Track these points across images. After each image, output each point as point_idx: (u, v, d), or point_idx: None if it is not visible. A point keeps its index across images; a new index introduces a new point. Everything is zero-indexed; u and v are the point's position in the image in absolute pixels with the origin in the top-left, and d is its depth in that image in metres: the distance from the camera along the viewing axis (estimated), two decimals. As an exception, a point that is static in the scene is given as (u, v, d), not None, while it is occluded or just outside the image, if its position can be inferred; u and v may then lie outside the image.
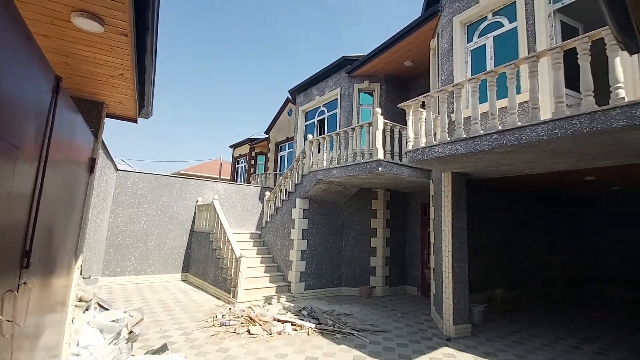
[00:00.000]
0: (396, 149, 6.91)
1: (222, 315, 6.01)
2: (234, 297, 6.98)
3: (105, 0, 2.10)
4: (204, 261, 8.94)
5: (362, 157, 6.95)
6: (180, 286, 8.95)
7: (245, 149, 19.76)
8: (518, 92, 5.20)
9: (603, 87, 4.00)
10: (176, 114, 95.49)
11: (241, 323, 5.57)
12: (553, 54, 3.86)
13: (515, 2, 5.65)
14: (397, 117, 8.93)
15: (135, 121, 4.00)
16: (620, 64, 3.43)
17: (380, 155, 6.43)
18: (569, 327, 6.37)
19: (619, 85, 3.41)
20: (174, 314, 6.29)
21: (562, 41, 4.90)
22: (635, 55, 4.17)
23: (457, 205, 6.02)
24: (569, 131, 3.60)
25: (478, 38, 6.27)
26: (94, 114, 3.71)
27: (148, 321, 5.63)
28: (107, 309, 4.79)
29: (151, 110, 3.76)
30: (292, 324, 5.60)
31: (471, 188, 6.63)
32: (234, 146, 21.07)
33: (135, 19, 2.31)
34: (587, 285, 9.92)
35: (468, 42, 6.44)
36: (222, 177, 22.83)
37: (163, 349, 4.46)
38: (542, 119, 3.88)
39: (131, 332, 4.39)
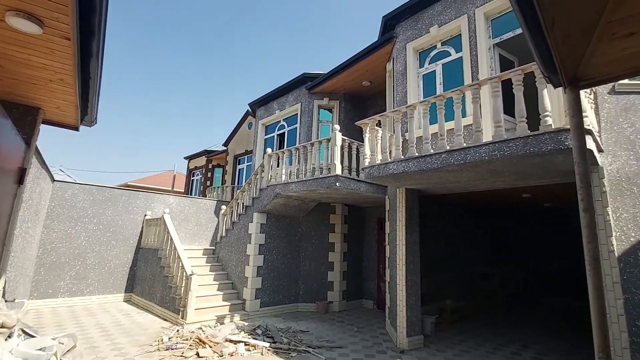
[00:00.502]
0: (354, 165, 7.09)
1: (169, 338, 5.60)
2: (183, 317, 6.56)
3: (45, 1, 1.95)
4: (151, 280, 8.34)
5: (320, 172, 7.03)
6: (122, 308, 8.23)
7: (201, 161, 19.07)
8: (464, 115, 5.65)
9: (536, 114, 4.48)
10: (127, 122, 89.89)
11: (190, 345, 5.22)
12: (492, 83, 4.26)
13: (460, 34, 6.19)
14: (355, 134, 9.20)
15: (77, 129, 3.68)
16: (548, 95, 3.87)
17: (339, 171, 6.55)
18: (510, 335, 6.82)
19: (547, 113, 3.84)
20: (114, 338, 5.74)
21: (501, 72, 5.43)
22: (560, 88, 4.75)
23: (410, 220, 6.27)
24: (506, 153, 3.96)
25: (429, 64, 6.74)
26: (27, 119, 3.37)
27: (82, 348, 5.08)
28: (33, 336, 4.24)
29: (95, 117, 3.50)
30: (245, 344, 5.37)
31: (424, 204, 6.96)
32: (190, 158, 20.27)
33: (80, 23, 2.16)
34: (528, 295, 10.74)
35: (420, 67, 6.89)
36: (175, 189, 21.72)
37: (99, 379, 4.04)
38: (483, 141, 4.24)
39: (61, 362, 3.92)
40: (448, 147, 4.54)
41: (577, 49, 1.86)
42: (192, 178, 20.17)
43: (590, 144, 3.74)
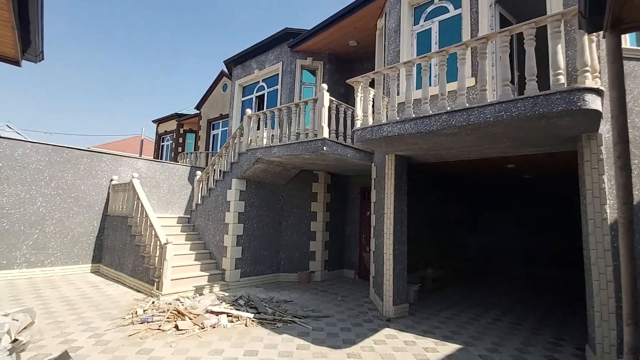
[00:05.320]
0: (341, 128, 6.67)
1: (144, 311, 5.20)
2: (158, 289, 6.14)
3: None
4: (121, 249, 7.76)
5: (305, 136, 6.57)
6: (89, 279, 7.65)
7: (172, 125, 17.86)
8: (453, 79, 5.29)
9: (543, 75, 4.21)
10: (87, 81, 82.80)
11: (167, 318, 4.86)
12: (502, 37, 3.90)
13: (461, -13, 5.71)
14: (341, 98, 8.72)
15: (18, 63, 2.96)
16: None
17: (326, 134, 6.12)
18: (485, 302, 6.94)
19: (559, 71, 3.56)
20: (81, 312, 5.26)
21: (504, 30, 5.07)
22: (565, 47, 4.49)
23: (399, 189, 6.04)
24: (514, 114, 3.68)
25: (424, 21, 6.27)
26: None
27: (44, 324, 4.59)
28: (-20, 313, 3.69)
29: (41, 50, 2.81)
30: (228, 315, 5.08)
31: (410, 172, 6.74)
32: (159, 121, 18.91)
33: None
34: (495, 263, 11.17)
35: (415, 25, 6.40)
36: (143, 156, 20.39)
37: (64, 357, 3.62)
38: (489, 101, 3.94)
39: (15, 340, 3.43)
40: (449, 108, 4.21)
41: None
42: (162, 143, 18.94)
43: (599, 106, 3.55)
